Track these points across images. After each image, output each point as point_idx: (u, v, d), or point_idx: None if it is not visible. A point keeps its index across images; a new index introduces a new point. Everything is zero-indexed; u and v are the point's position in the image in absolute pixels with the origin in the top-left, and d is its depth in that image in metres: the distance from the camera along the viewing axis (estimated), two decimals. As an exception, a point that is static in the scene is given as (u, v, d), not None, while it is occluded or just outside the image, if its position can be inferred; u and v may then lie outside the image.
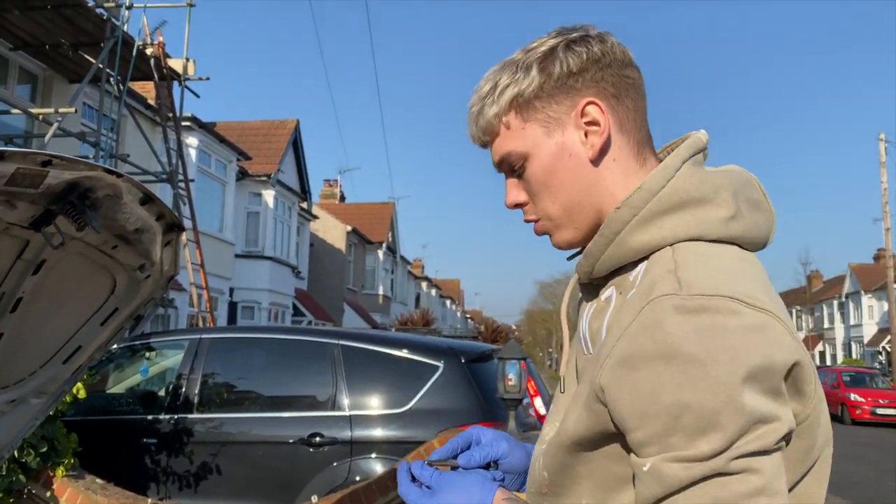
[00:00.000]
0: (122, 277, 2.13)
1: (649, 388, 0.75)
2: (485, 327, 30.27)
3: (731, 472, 0.73)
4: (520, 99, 0.95)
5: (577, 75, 0.93)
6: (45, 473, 4.15)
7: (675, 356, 0.74)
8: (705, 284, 0.79)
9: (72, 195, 1.58)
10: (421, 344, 5.25)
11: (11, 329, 1.97)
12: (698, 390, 0.73)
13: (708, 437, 0.73)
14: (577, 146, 0.94)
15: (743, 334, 0.75)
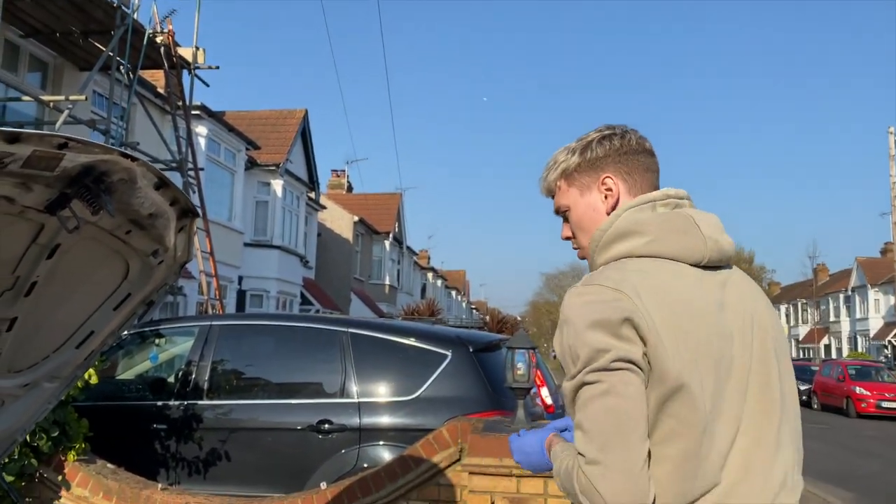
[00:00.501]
0: (135, 263, 2.14)
1: (557, 338, 1.35)
2: (490, 318, 30.31)
3: (589, 382, 1.25)
4: (567, 171, 1.53)
5: (602, 159, 1.49)
6: (56, 458, 4.18)
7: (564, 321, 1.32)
8: (594, 279, 1.34)
9: (87, 179, 1.58)
10: (429, 333, 5.26)
11: (26, 313, 1.98)
12: (568, 337, 1.29)
13: (574, 364, 1.28)
14: (598, 203, 1.50)
15: (594, 303, 1.29)
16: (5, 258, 1.77)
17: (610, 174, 1.49)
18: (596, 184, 1.50)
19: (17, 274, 1.84)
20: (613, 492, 1.21)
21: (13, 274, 1.83)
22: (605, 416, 1.24)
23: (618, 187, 1.48)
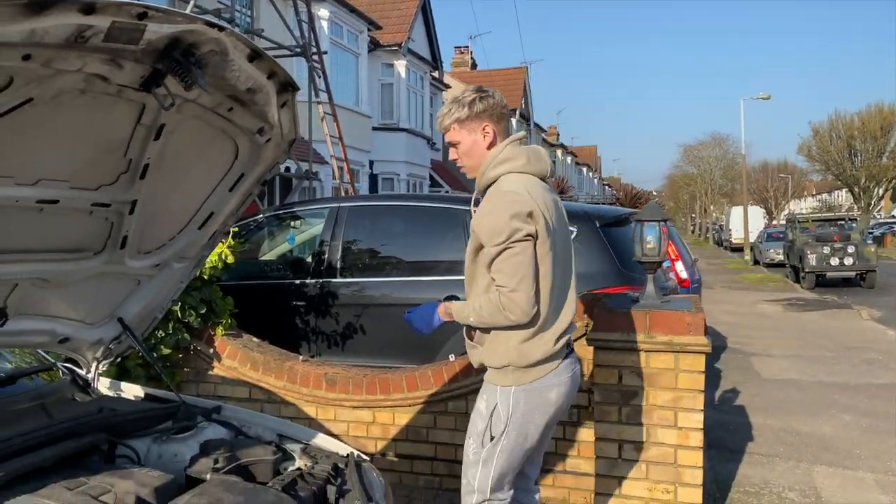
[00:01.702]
0: (243, 142, 2.12)
1: (486, 223, 2.28)
2: (623, 194, 29.38)
3: (510, 247, 2.23)
4: (459, 119, 2.42)
5: (483, 112, 2.40)
6: (206, 332, 4.52)
7: (491, 211, 2.29)
8: (506, 187, 2.32)
9: (176, 52, 1.52)
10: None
11: (144, 196, 2.02)
12: (491, 221, 2.26)
13: (499, 237, 2.23)
14: (480, 140, 2.42)
15: (512, 202, 2.24)
16: (115, 140, 1.78)
17: (487, 123, 2.41)
18: (479, 129, 2.41)
19: (128, 157, 1.86)
20: (523, 304, 2.25)
21: (125, 156, 1.85)
22: (518, 265, 2.25)
23: (493, 131, 2.42)
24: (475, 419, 2.45)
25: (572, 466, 3.97)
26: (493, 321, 2.31)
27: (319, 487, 1.96)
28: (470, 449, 2.46)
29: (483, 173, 2.41)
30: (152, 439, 2.21)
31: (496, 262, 2.26)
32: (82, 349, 2.45)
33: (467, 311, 2.37)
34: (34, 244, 1.92)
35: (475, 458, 2.43)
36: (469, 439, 2.47)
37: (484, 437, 2.40)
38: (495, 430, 2.38)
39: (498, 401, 2.38)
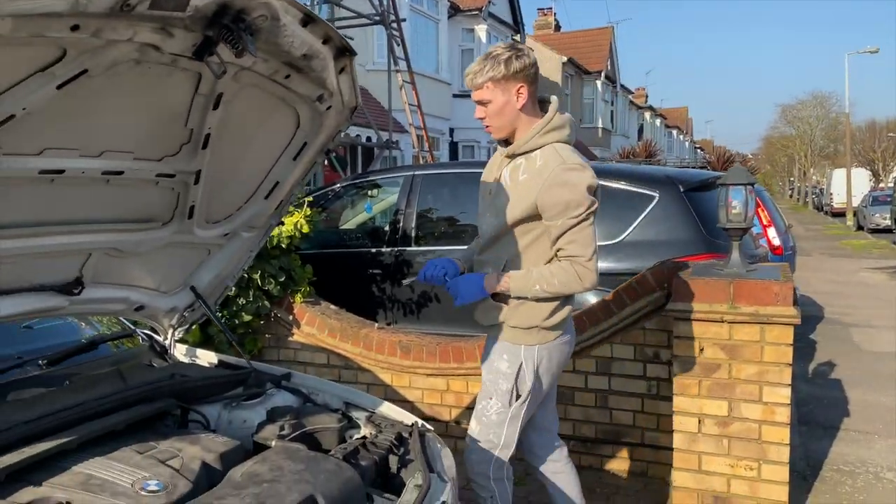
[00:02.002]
0: (303, 110, 2.10)
1: (558, 195, 2.27)
2: (715, 157, 28.16)
3: (586, 219, 2.29)
4: (494, 77, 2.33)
5: (519, 72, 2.32)
6: (286, 300, 4.62)
7: (566, 184, 2.27)
8: (568, 159, 2.31)
9: (225, 18, 1.50)
10: (635, 173, 4.91)
11: (209, 166, 2.04)
12: (574, 194, 2.26)
13: (577, 209, 2.26)
14: (513, 101, 2.36)
15: (586, 176, 2.28)
16: (174, 111, 1.79)
17: (523, 84, 2.34)
18: (514, 89, 2.34)
19: (189, 126, 1.87)
20: (596, 272, 2.34)
21: (186, 126, 1.86)
22: (591, 235, 2.32)
23: (527, 93, 2.35)
24: (496, 380, 2.48)
25: (651, 439, 3.86)
26: (563, 290, 2.35)
27: (381, 457, 1.96)
28: (492, 409, 2.50)
29: (528, 139, 2.37)
30: (223, 405, 2.26)
31: (570, 233, 2.29)
32: (158, 317, 2.52)
33: (530, 282, 2.35)
34: (104, 215, 1.97)
35: (500, 417, 2.49)
36: (489, 400, 2.50)
37: (511, 396, 2.47)
38: (522, 388, 2.46)
39: (523, 360, 2.45)
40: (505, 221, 2.39)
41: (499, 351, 2.48)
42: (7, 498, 1.51)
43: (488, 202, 2.50)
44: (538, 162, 2.36)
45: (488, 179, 2.55)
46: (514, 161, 2.43)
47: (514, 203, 2.37)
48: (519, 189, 2.38)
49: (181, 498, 1.61)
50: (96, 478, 1.61)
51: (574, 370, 4.00)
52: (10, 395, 1.94)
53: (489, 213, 2.48)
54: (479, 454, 2.54)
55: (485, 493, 2.58)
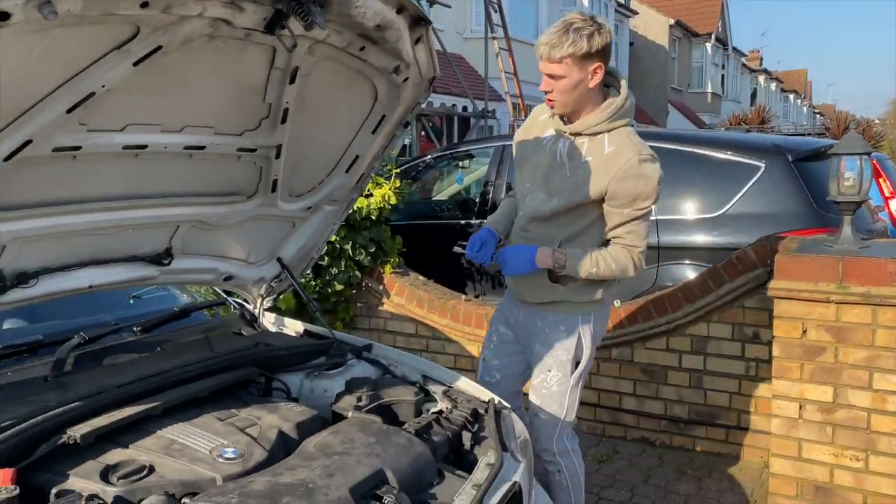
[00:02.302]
0: (380, 83, 2.07)
1: (632, 186, 2.25)
2: (836, 123, 26.30)
3: (649, 211, 2.33)
4: (574, 53, 2.19)
5: (601, 50, 2.22)
6: (376, 270, 4.69)
7: (640, 176, 2.24)
8: (643, 150, 2.27)
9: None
10: (738, 142, 4.63)
11: (289, 140, 2.06)
12: (647, 188, 2.25)
13: (647, 201, 2.28)
14: (588, 80, 2.24)
15: (657, 168, 2.28)
16: (252, 85, 1.81)
17: (600, 63, 2.23)
18: (591, 67, 2.22)
19: (267, 101, 1.88)
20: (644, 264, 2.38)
21: (264, 101, 1.88)
22: (648, 228, 2.36)
23: (601, 73, 2.25)
24: (554, 352, 2.46)
25: (747, 423, 3.69)
26: (617, 275, 2.39)
27: (454, 433, 1.94)
28: (553, 381, 2.48)
29: (598, 122, 2.30)
30: (305, 374, 2.31)
31: (633, 224, 2.31)
32: (247, 287, 2.60)
33: (589, 263, 2.34)
34: (190, 188, 2.03)
35: (561, 387, 2.48)
36: (548, 373, 2.48)
37: (571, 366, 2.46)
38: (581, 356, 2.48)
39: (580, 329, 2.45)
40: (565, 203, 2.34)
41: (554, 323, 2.47)
42: (97, 458, 1.60)
43: (539, 178, 2.41)
44: (607, 147, 2.30)
45: (535, 151, 2.44)
46: (576, 139, 2.34)
47: (579, 186, 2.31)
48: (583, 172, 2.31)
49: (256, 466, 1.65)
50: (178, 443, 1.68)
51: (668, 348, 3.86)
52: (106, 359, 2.05)
53: (540, 189, 2.40)
54: (543, 429, 2.52)
55: (552, 467, 2.58)
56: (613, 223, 2.34)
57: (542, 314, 2.49)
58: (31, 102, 1.37)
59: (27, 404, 1.68)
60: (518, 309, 2.58)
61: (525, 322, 2.55)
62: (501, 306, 2.73)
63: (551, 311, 2.47)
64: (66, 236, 1.82)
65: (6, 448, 1.52)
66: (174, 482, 1.54)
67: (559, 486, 2.59)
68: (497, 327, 2.70)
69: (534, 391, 2.53)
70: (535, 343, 2.51)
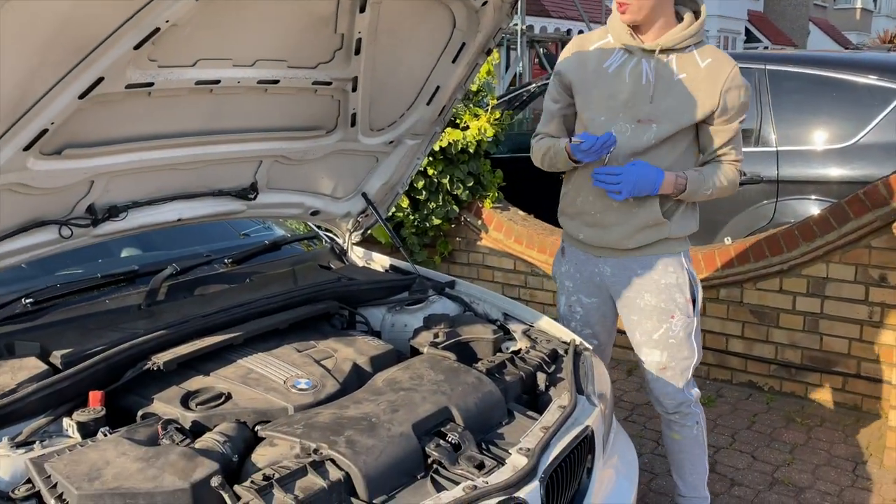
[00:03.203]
0: (458, 8, 1.98)
1: (738, 97, 2.16)
2: None
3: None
4: None
5: None
6: (474, 205, 4.63)
7: (742, 85, 2.17)
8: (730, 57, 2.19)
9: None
10: (875, 63, 4.16)
11: (365, 72, 2.01)
12: (748, 96, 2.20)
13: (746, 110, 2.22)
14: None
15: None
16: (321, 16, 1.76)
17: None
18: None
19: (339, 32, 1.84)
20: None
21: (336, 32, 1.83)
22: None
23: None
24: (671, 297, 2.27)
25: (868, 371, 3.42)
26: (724, 194, 2.29)
27: (528, 374, 1.90)
28: (678, 327, 2.29)
29: (688, 35, 2.15)
30: (387, 309, 2.32)
31: (737, 137, 2.24)
32: (334, 221, 2.63)
33: (706, 184, 2.22)
34: (268, 123, 2.04)
35: (687, 330, 2.31)
36: (671, 320, 2.28)
37: (690, 306, 2.30)
38: (696, 292, 2.33)
39: (686, 266, 2.31)
40: (671, 128, 2.16)
41: (662, 266, 2.28)
42: (180, 384, 1.68)
43: (620, 107, 2.17)
44: (702, 61, 2.16)
45: (600, 79, 2.19)
46: (662, 57, 2.15)
47: (685, 106, 2.15)
48: (684, 90, 2.14)
49: (328, 397, 1.68)
50: (255, 372, 1.74)
51: (781, 290, 3.61)
52: (196, 290, 2.14)
53: (626, 120, 2.17)
54: (678, 381, 2.33)
55: (690, 420, 2.38)
56: (721, 141, 2.21)
57: (642, 260, 2.27)
58: (98, 40, 1.39)
59: (119, 331, 1.79)
60: (601, 264, 2.34)
61: (618, 275, 2.32)
62: (568, 272, 2.43)
63: (654, 254, 2.27)
64: (152, 171, 1.89)
65: (97, 372, 1.63)
66: (248, 410, 1.60)
67: (695, 443, 2.40)
68: (578, 297, 2.41)
69: (657, 345, 2.30)
70: (644, 293, 2.28)
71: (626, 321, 2.37)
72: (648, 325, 2.31)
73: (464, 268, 4.75)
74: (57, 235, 1.81)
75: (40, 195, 1.70)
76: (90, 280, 2.04)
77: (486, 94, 4.67)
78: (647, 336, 2.32)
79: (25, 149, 1.53)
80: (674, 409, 2.37)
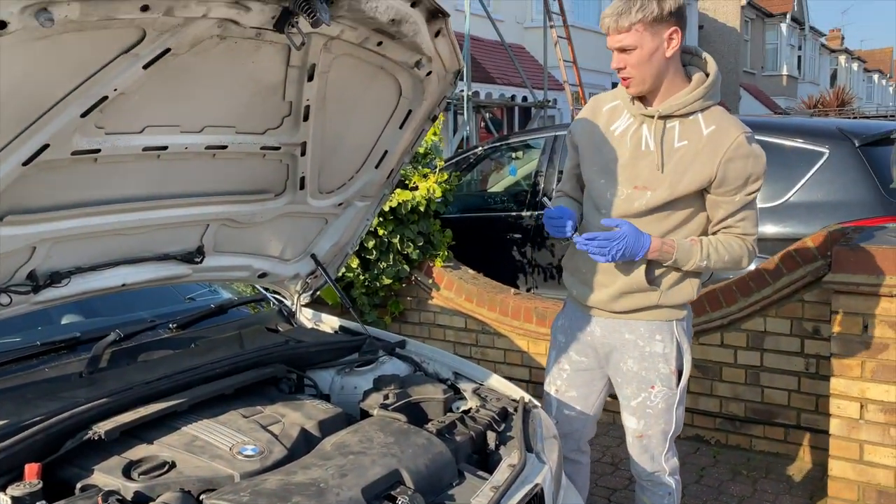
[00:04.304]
0: (403, 77, 2.05)
1: (742, 168, 2.03)
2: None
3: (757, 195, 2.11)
4: (645, 18, 1.97)
5: (675, 12, 1.98)
6: (425, 264, 4.67)
7: (750, 155, 2.03)
8: (745, 128, 2.06)
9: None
10: (802, 127, 4.42)
11: (313, 137, 2.05)
12: (758, 168, 2.05)
13: (758, 183, 2.07)
14: (663, 48, 2.01)
15: (760, 147, 2.07)
16: (270, 84, 1.81)
17: (676, 27, 1.99)
18: (665, 33, 1.99)
19: (287, 99, 1.88)
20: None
21: (284, 99, 1.88)
22: (757, 214, 2.17)
23: (678, 38, 2.00)
24: (654, 365, 2.21)
25: (807, 422, 3.52)
26: (728, 267, 2.16)
27: (478, 433, 1.91)
28: (658, 398, 2.23)
29: (691, 100, 2.04)
30: (336, 371, 2.31)
31: (746, 209, 2.10)
32: (282, 283, 2.62)
33: (699, 253, 2.10)
34: (215, 188, 2.05)
35: (668, 402, 2.24)
36: (650, 389, 2.22)
37: (675, 378, 2.23)
38: (683, 364, 2.25)
39: (677, 337, 2.22)
40: (664, 196, 2.08)
41: (649, 333, 2.20)
42: (121, 454, 1.64)
43: (619, 172, 2.14)
44: (706, 128, 2.05)
45: (605, 143, 2.17)
46: (665, 123, 2.08)
47: (679, 176, 2.06)
48: (681, 159, 2.06)
49: (275, 463, 1.66)
50: (200, 439, 1.70)
51: (722, 344, 3.72)
52: (140, 356, 2.10)
53: (624, 185, 2.14)
54: (653, 451, 2.29)
55: (662, 490, 2.34)
56: (722, 214, 2.09)
57: (631, 325, 2.22)
58: (44, 108, 1.40)
59: (58, 400, 1.74)
60: (592, 324, 2.29)
61: (606, 337, 2.27)
62: (563, 326, 2.40)
63: (644, 320, 2.20)
64: (96, 236, 1.87)
65: (34, 443, 1.57)
66: (192, 479, 1.56)
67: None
68: (569, 354, 2.36)
69: (634, 413, 2.27)
70: (627, 359, 2.24)
71: (613, 382, 2.34)
72: (628, 391, 2.27)
73: (415, 327, 4.76)
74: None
75: (-21, 262, 1.67)
76: (29, 348, 1.99)
77: (433, 157, 4.77)
78: (627, 401, 2.29)
79: (-35, 215, 1.51)
80: (646, 477, 2.34)
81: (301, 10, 1.50)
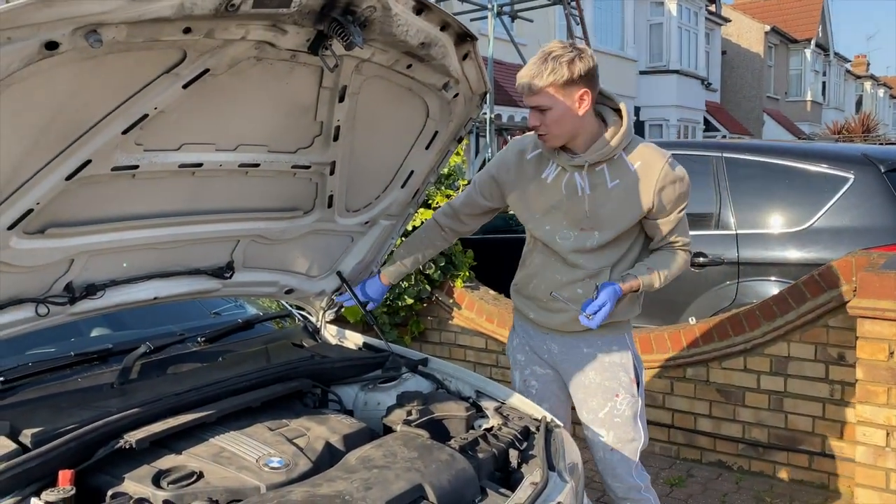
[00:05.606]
0: (431, 99, 2.10)
1: (673, 192, 2.23)
2: (951, 129, 24.50)
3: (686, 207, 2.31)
4: (555, 82, 2.11)
5: (584, 76, 2.12)
6: (446, 284, 4.70)
7: (677, 179, 2.24)
8: (663, 151, 2.26)
9: (334, 12, 1.52)
10: (826, 153, 4.40)
11: (342, 157, 2.10)
12: (685, 187, 2.26)
13: (687, 199, 2.28)
14: (575, 107, 2.14)
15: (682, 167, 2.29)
16: (302, 104, 1.86)
17: (586, 89, 2.13)
18: (576, 94, 2.13)
19: (319, 119, 1.93)
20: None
21: (316, 119, 1.93)
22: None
23: (589, 99, 2.15)
24: (615, 375, 2.37)
25: (833, 449, 3.48)
26: (676, 276, 2.38)
27: (501, 450, 1.92)
28: (623, 405, 2.37)
29: (613, 148, 2.21)
30: (360, 387, 2.34)
31: (681, 224, 2.33)
32: (308, 299, 2.66)
33: (658, 279, 2.31)
34: (248, 204, 2.10)
35: (633, 409, 2.38)
36: (615, 399, 2.37)
37: (634, 385, 2.39)
38: (640, 372, 2.43)
39: (629, 346, 2.41)
40: (612, 233, 2.27)
41: (606, 346, 2.38)
42: (151, 463, 1.67)
43: (562, 217, 2.30)
44: (632, 164, 2.24)
45: (539, 191, 2.32)
46: (594, 168, 2.24)
47: (622, 213, 2.25)
48: (619, 197, 2.24)
49: (300, 476, 1.68)
50: (227, 451, 1.73)
51: (745, 369, 3.69)
52: (169, 368, 2.14)
53: (570, 228, 2.29)
54: (626, 464, 2.37)
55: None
56: (663, 233, 2.31)
57: (588, 340, 2.38)
58: (88, 125, 1.46)
59: (91, 409, 1.78)
60: (549, 342, 2.45)
61: (564, 353, 2.43)
62: (520, 345, 2.57)
63: (598, 335, 2.35)
64: (131, 250, 1.92)
65: (68, 450, 1.61)
66: (220, 489, 1.59)
67: None
68: (532, 369, 2.53)
69: (602, 425, 2.37)
70: (588, 371, 2.39)
71: (575, 400, 2.46)
72: (594, 403, 2.38)
73: (436, 347, 4.77)
74: (34, 313, 1.82)
75: (19, 273, 1.72)
76: (63, 358, 2.04)
77: (457, 178, 4.81)
78: (594, 414, 2.38)
79: (9, 228, 1.56)
80: (623, 493, 2.39)
81: (335, 33, 1.55)
